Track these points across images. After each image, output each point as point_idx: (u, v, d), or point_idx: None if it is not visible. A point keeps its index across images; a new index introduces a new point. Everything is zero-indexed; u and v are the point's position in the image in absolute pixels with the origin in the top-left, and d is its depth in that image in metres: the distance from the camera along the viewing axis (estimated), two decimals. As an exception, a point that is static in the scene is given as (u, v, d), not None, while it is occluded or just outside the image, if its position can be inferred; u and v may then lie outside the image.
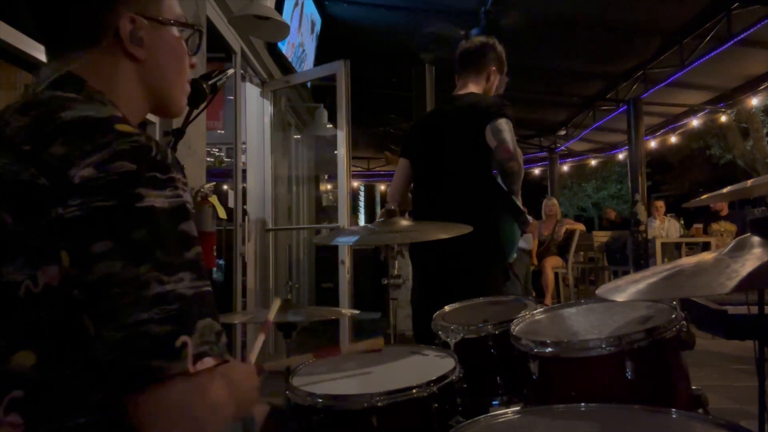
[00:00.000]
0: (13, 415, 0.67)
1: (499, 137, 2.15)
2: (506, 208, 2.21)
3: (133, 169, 0.68)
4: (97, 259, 0.66)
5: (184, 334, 0.66)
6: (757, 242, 1.05)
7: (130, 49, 0.83)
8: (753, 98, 7.83)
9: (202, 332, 0.68)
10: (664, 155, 14.54)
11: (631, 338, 1.12)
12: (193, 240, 0.72)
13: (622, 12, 5.53)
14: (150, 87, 0.88)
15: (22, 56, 1.92)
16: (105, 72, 0.83)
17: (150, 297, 0.65)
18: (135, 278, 0.65)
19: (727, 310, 4.09)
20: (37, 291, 0.67)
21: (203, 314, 0.69)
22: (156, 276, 0.66)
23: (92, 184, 0.67)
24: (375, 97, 7.94)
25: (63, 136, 0.69)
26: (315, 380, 1.30)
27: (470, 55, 2.45)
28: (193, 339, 0.67)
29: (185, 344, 0.66)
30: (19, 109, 0.75)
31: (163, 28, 0.87)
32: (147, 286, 0.65)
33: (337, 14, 5.65)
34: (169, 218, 0.69)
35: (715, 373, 3.85)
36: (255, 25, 2.92)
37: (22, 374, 0.67)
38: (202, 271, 0.72)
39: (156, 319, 0.65)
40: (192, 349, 0.66)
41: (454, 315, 1.73)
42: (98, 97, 0.80)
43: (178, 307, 0.67)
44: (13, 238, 0.67)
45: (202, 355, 0.67)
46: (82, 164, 0.67)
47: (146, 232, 0.67)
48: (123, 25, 0.82)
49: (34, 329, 0.68)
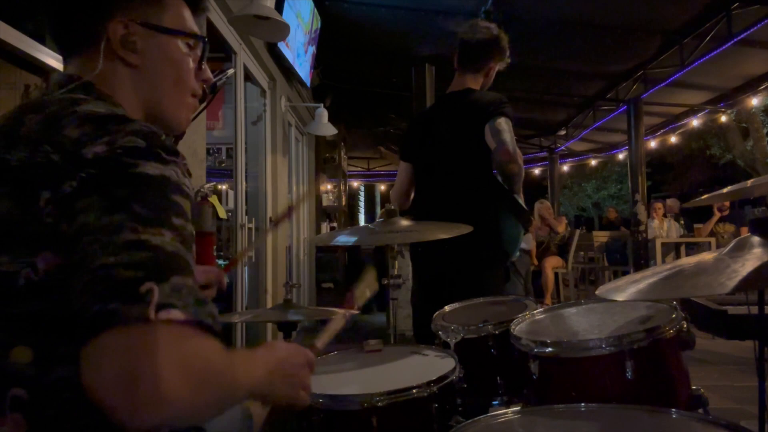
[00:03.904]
0: (16, 415, 0.67)
1: (498, 138, 2.11)
2: (508, 206, 2.19)
3: (143, 145, 0.69)
4: (78, 213, 0.64)
5: (152, 281, 0.60)
6: (757, 242, 1.05)
7: (121, 53, 0.84)
8: (753, 98, 7.82)
9: (176, 287, 0.62)
10: (664, 155, 14.55)
11: (631, 338, 1.12)
12: (184, 213, 0.69)
13: (622, 12, 5.52)
14: (144, 95, 0.88)
15: (22, 56, 1.92)
16: (107, 76, 0.85)
17: (120, 242, 0.61)
18: (107, 225, 0.62)
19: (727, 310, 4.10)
20: (37, 279, 0.67)
21: (182, 272, 0.64)
22: (131, 225, 0.63)
23: (103, 157, 0.67)
24: (375, 97, 7.94)
25: (78, 122, 0.71)
26: (315, 380, 1.30)
27: (473, 51, 2.35)
28: (162, 288, 0.60)
29: (150, 290, 0.60)
30: (32, 108, 0.76)
31: (162, 37, 0.88)
32: (118, 232, 0.62)
33: (337, 14, 5.65)
34: (159, 185, 0.68)
35: (715, 373, 3.85)
36: (255, 25, 2.92)
37: (21, 371, 0.67)
38: (190, 243, 0.68)
39: (123, 263, 0.60)
40: (157, 298, 0.60)
41: (454, 315, 1.73)
42: (109, 99, 0.83)
43: (152, 255, 0.62)
44: (13, 225, 0.68)
45: (169, 306, 0.60)
46: (95, 144, 0.68)
47: (128, 190, 0.65)
48: (113, 29, 0.83)
49: (31, 322, 0.67)
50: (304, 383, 0.87)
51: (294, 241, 6.22)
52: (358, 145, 11.11)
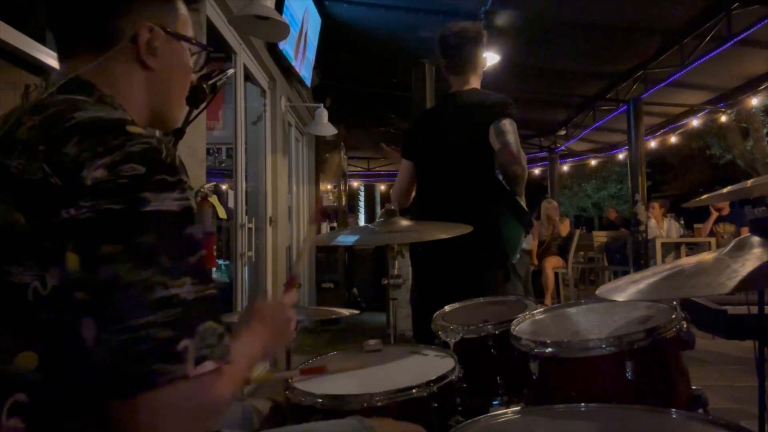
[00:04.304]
0: (14, 420, 0.67)
1: (502, 139, 2.10)
2: (509, 208, 2.19)
3: (143, 172, 0.69)
4: (104, 261, 0.66)
5: (186, 338, 0.68)
6: (757, 242, 1.05)
7: (144, 57, 0.86)
8: (753, 98, 7.82)
9: (203, 336, 0.69)
10: (664, 155, 14.55)
11: (631, 338, 1.12)
12: (197, 243, 0.73)
13: (622, 12, 5.52)
14: (155, 97, 0.90)
15: (22, 56, 1.92)
16: (114, 76, 0.85)
17: (153, 301, 0.66)
18: (140, 282, 0.66)
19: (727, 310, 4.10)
20: (45, 293, 0.68)
21: (204, 317, 0.71)
22: (160, 280, 0.67)
23: (103, 186, 0.68)
24: (375, 97, 7.94)
25: (76, 136, 0.71)
26: (315, 380, 1.30)
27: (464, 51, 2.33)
28: (194, 343, 0.68)
29: (186, 348, 0.67)
30: (31, 110, 0.76)
31: (177, 43, 0.91)
32: (151, 289, 0.67)
33: (337, 14, 5.65)
34: (175, 222, 0.71)
35: (715, 373, 3.85)
36: (255, 25, 2.92)
37: (24, 377, 0.67)
38: (206, 274, 0.73)
39: (158, 323, 0.66)
40: (192, 353, 0.68)
41: (454, 315, 1.73)
42: (108, 100, 0.82)
43: (180, 311, 0.68)
44: (25, 238, 0.68)
45: (203, 359, 0.69)
46: (94, 165, 0.68)
47: (153, 236, 0.68)
48: (142, 33, 0.85)
49: (38, 330, 0.68)
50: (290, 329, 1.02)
51: (294, 241, 6.22)
52: (358, 145, 11.11)
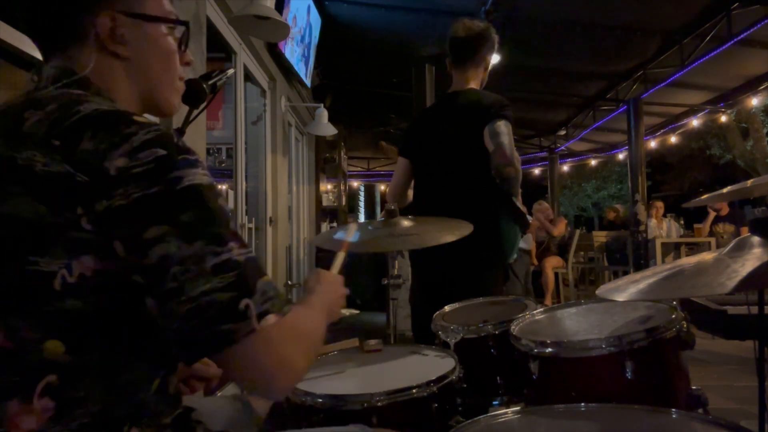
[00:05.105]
0: (45, 400, 0.70)
1: (496, 141, 2.10)
2: (506, 209, 2.19)
3: (165, 154, 0.71)
4: (152, 243, 0.69)
5: (246, 297, 0.72)
6: (757, 242, 1.05)
7: (112, 48, 0.83)
8: (753, 98, 7.83)
9: (262, 292, 0.74)
10: (664, 155, 14.56)
11: (631, 338, 1.12)
12: (229, 213, 0.76)
13: (622, 12, 5.52)
14: (140, 84, 0.88)
15: (22, 56, 1.92)
16: (99, 70, 0.83)
17: (209, 269, 0.70)
18: (192, 255, 0.70)
19: (727, 310, 4.11)
20: (72, 281, 0.69)
21: (258, 275, 0.75)
22: (211, 249, 0.71)
23: (129, 173, 0.69)
24: (375, 97, 7.94)
25: (90, 129, 0.71)
26: (315, 380, 1.30)
27: (470, 45, 2.32)
28: (254, 299, 0.72)
29: (248, 306, 0.72)
30: (31, 104, 0.76)
31: (148, 25, 0.87)
32: (204, 260, 0.70)
33: (337, 14, 5.65)
34: (210, 193, 0.73)
35: (715, 373, 3.84)
36: (255, 25, 2.92)
37: (55, 361, 0.70)
38: (243, 239, 0.76)
39: (219, 287, 0.70)
40: (255, 309, 0.72)
41: (454, 315, 1.73)
42: (105, 93, 0.82)
43: (236, 273, 0.72)
44: (50, 229, 0.69)
45: (265, 313, 0.73)
46: (114, 155, 0.69)
47: (194, 210, 0.71)
48: (101, 24, 0.82)
49: (63, 319, 0.70)
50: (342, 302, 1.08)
51: (294, 241, 6.22)
52: (358, 145, 11.11)
